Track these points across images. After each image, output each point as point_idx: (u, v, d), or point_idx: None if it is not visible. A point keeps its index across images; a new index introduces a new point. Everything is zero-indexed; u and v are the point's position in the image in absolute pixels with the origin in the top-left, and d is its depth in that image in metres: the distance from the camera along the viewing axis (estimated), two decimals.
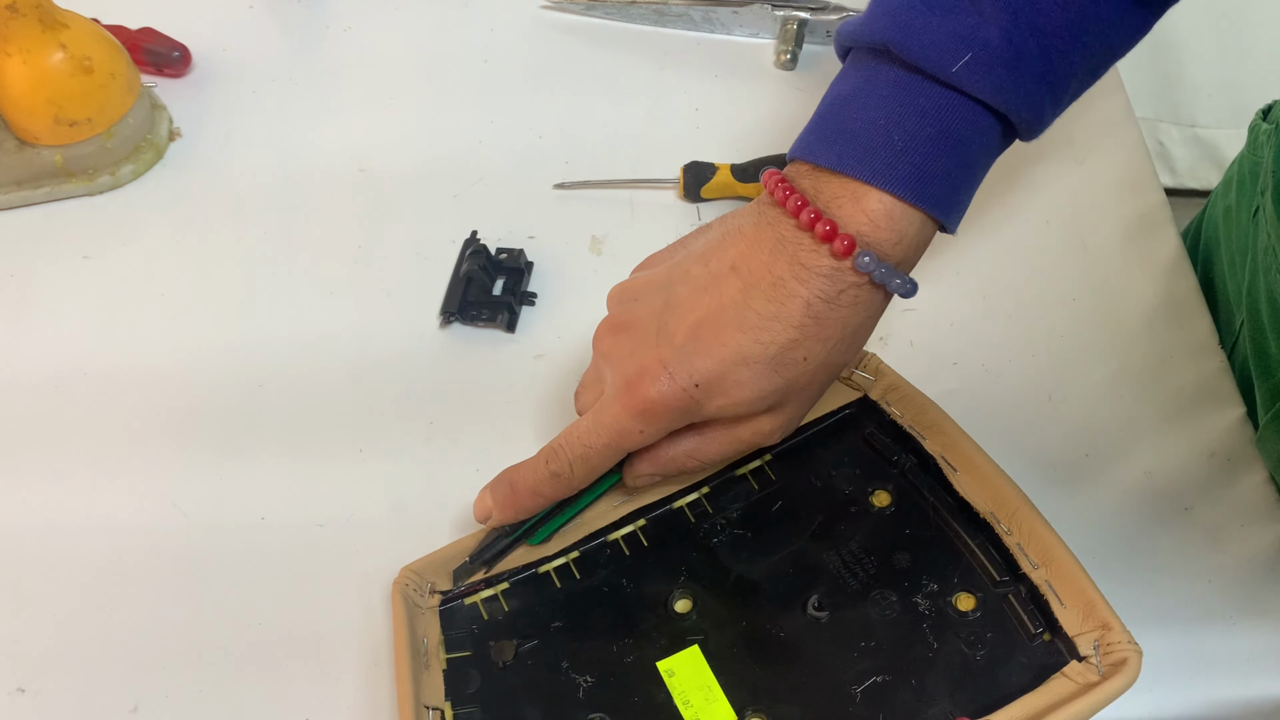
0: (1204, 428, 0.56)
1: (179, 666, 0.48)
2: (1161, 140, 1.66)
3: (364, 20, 0.76)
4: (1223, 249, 0.64)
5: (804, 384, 0.44)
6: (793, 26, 0.72)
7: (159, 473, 0.54)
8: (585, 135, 0.69)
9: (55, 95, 0.62)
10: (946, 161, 0.41)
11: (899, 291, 0.42)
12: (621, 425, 0.44)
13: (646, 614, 0.47)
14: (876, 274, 0.41)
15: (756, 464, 0.51)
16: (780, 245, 0.42)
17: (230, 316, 0.60)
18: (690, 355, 0.43)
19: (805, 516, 0.48)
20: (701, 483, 0.50)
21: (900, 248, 0.42)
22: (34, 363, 0.58)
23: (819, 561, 0.47)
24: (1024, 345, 0.59)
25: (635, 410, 0.44)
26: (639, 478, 0.48)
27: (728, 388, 0.43)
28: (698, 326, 0.43)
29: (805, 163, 0.43)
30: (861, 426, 0.51)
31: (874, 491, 0.48)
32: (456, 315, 0.59)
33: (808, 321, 0.42)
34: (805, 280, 0.42)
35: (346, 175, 0.67)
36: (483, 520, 0.48)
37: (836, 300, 0.42)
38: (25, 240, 0.64)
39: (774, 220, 0.43)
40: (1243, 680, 0.48)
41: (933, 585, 0.46)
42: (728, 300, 0.43)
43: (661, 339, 0.44)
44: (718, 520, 0.49)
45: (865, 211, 0.41)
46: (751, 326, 0.42)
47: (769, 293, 0.42)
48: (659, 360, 0.43)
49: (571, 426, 0.46)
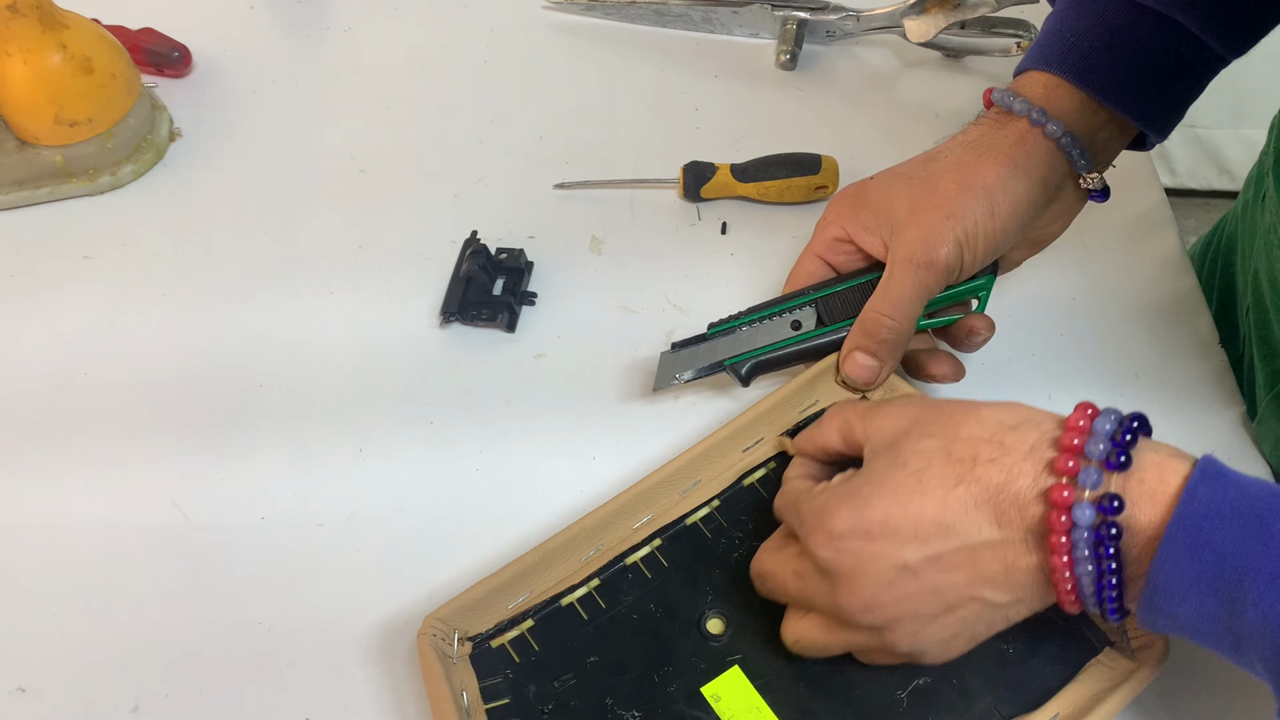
0: (1204, 427, 0.56)
1: (179, 666, 0.48)
2: None
3: (364, 20, 0.76)
4: (1239, 243, 0.64)
5: None
6: (793, 26, 0.72)
7: (159, 473, 0.54)
8: (585, 135, 0.69)
9: (56, 95, 0.62)
10: (1110, 54, 0.49)
11: (1050, 133, 0.49)
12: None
13: (681, 638, 0.46)
14: (1013, 105, 0.50)
15: (762, 472, 0.51)
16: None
17: (230, 316, 0.60)
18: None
19: None
20: (713, 495, 0.50)
21: (1069, 118, 0.50)
22: (34, 363, 0.58)
23: None
24: (1024, 345, 0.59)
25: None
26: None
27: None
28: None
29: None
30: None
31: None
32: (456, 315, 0.59)
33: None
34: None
35: (346, 175, 0.67)
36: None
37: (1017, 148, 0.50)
38: (26, 240, 0.64)
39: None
40: (1243, 679, 0.48)
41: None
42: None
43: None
44: (734, 534, 0.49)
45: (1035, 86, 0.51)
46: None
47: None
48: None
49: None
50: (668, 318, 0.60)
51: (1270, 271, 0.57)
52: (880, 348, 0.51)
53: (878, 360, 0.51)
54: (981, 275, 0.53)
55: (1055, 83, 0.50)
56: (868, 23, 0.72)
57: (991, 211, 0.49)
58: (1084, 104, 0.50)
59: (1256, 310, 0.58)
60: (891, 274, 0.50)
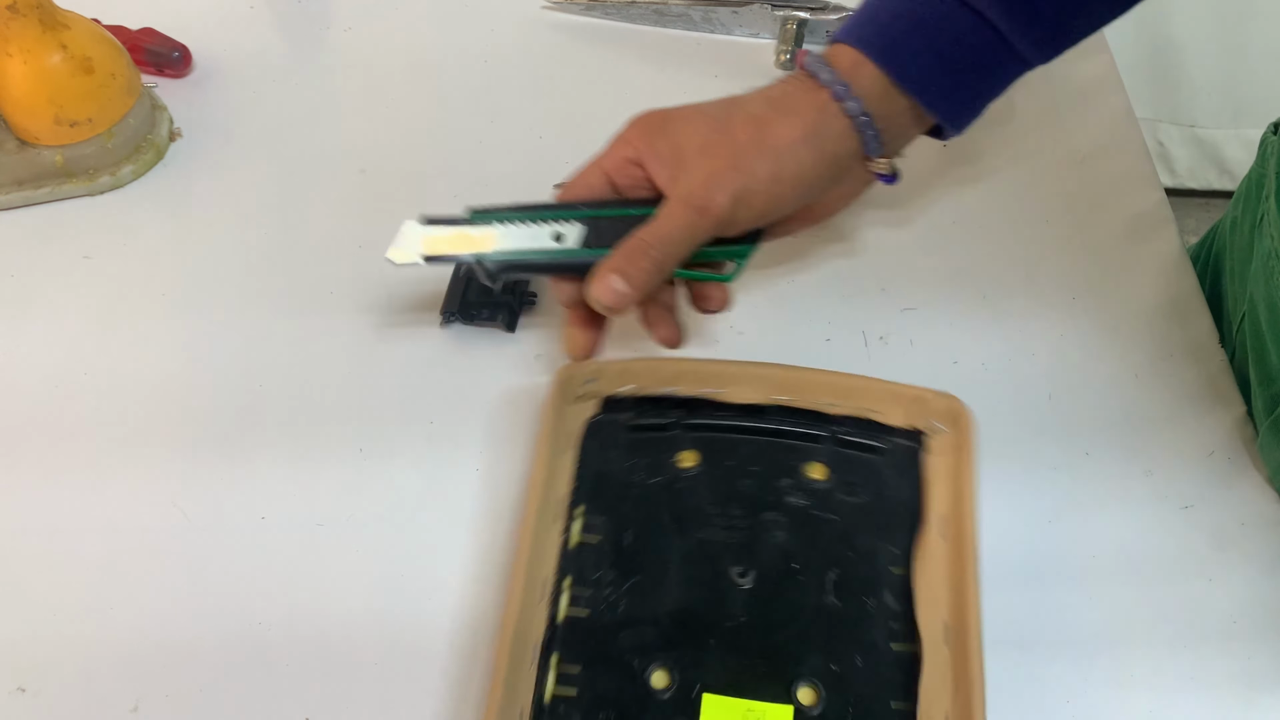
0: (1204, 427, 0.56)
1: (179, 666, 0.48)
2: (1161, 140, 1.66)
3: (364, 20, 0.76)
4: (1227, 261, 0.64)
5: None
6: (793, 26, 0.72)
7: (159, 473, 0.54)
8: (585, 135, 0.69)
9: (56, 95, 0.62)
10: (917, 42, 0.49)
11: (849, 110, 0.49)
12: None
13: (638, 706, 0.45)
14: (820, 74, 0.49)
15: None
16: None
17: (231, 316, 0.60)
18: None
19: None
20: None
21: (870, 98, 0.49)
22: (34, 363, 0.58)
23: (706, 546, 0.50)
24: (1024, 345, 0.59)
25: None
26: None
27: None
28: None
29: None
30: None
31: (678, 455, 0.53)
32: (456, 315, 0.59)
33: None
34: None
35: (346, 175, 0.67)
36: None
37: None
38: (26, 240, 0.64)
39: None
40: (1243, 679, 0.48)
41: (786, 479, 0.51)
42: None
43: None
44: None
45: (844, 59, 0.50)
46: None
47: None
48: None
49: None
50: None
51: (1268, 297, 0.56)
52: (636, 274, 0.49)
53: (629, 287, 0.49)
54: (744, 241, 0.52)
55: (861, 60, 0.49)
56: None
57: (776, 175, 0.49)
58: (886, 87, 0.49)
59: (1253, 334, 0.58)
60: (667, 209, 0.50)
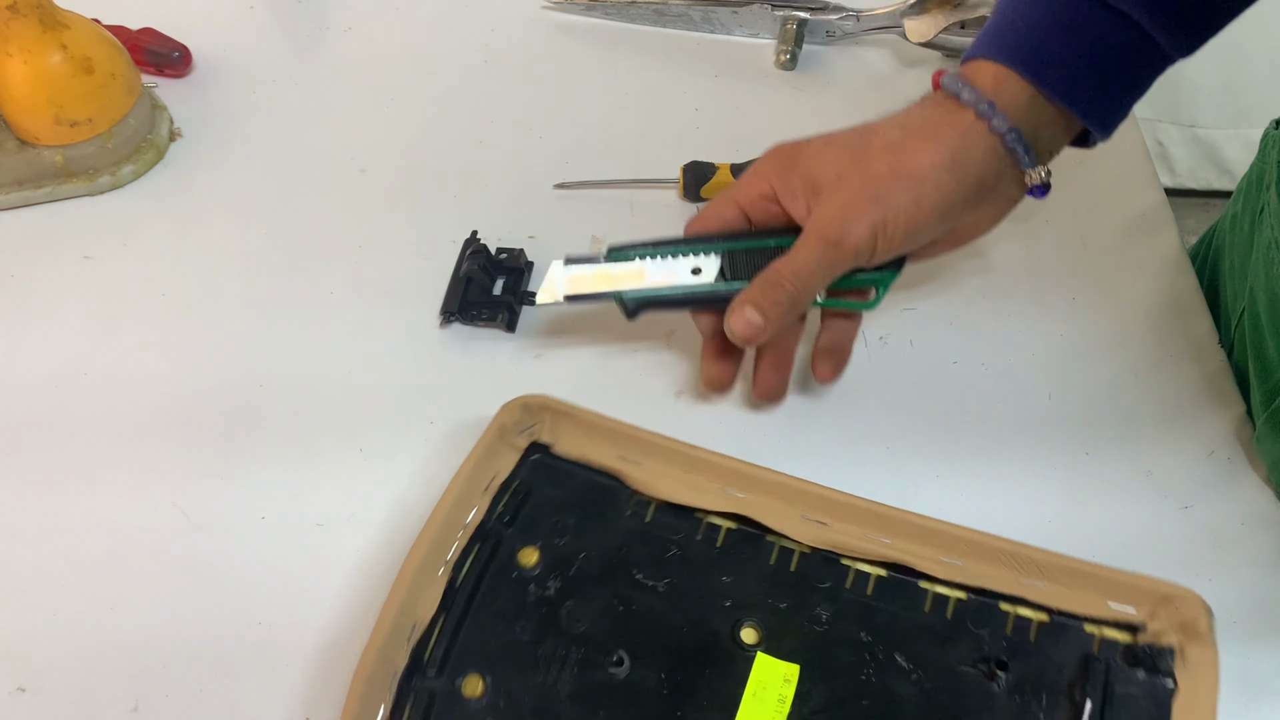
0: (1204, 427, 0.56)
1: (179, 666, 0.48)
2: (1161, 140, 1.66)
3: (364, 20, 0.76)
4: (1226, 257, 0.64)
5: None
6: (793, 26, 0.72)
7: (159, 473, 0.54)
8: (585, 135, 0.69)
9: (56, 95, 0.62)
10: (1062, 48, 0.48)
11: (996, 128, 0.48)
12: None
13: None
14: (962, 94, 0.48)
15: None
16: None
17: (230, 316, 0.60)
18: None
19: None
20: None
21: (1016, 112, 0.48)
22: (34, 363, 0.58)
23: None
24: (1024, 345, 0.59)
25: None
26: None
27: None
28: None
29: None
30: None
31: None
32: (456, 315, 0.59)
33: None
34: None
35: (346, 175, 0.67)
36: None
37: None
38: (26, 240, 0.64)
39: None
40: (1243, 679, 0.48)
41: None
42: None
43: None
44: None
45: (985, 76, 0.49)
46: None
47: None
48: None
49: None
50: (668, 318, 0.60)
51: (1268, 287, 0.56)
52: (771, 309, 0.50)
53: (764, 320, 0.50)
54: (888, 267, 0.52)
55: (1005, 74, 0.48)
56: (868, 23, 0.72)
57: (918, 203, 0.48)
58: (1033, 99, 0.49)
59: (1252, 328, 0.58)
60: (803, 243, 0.50)
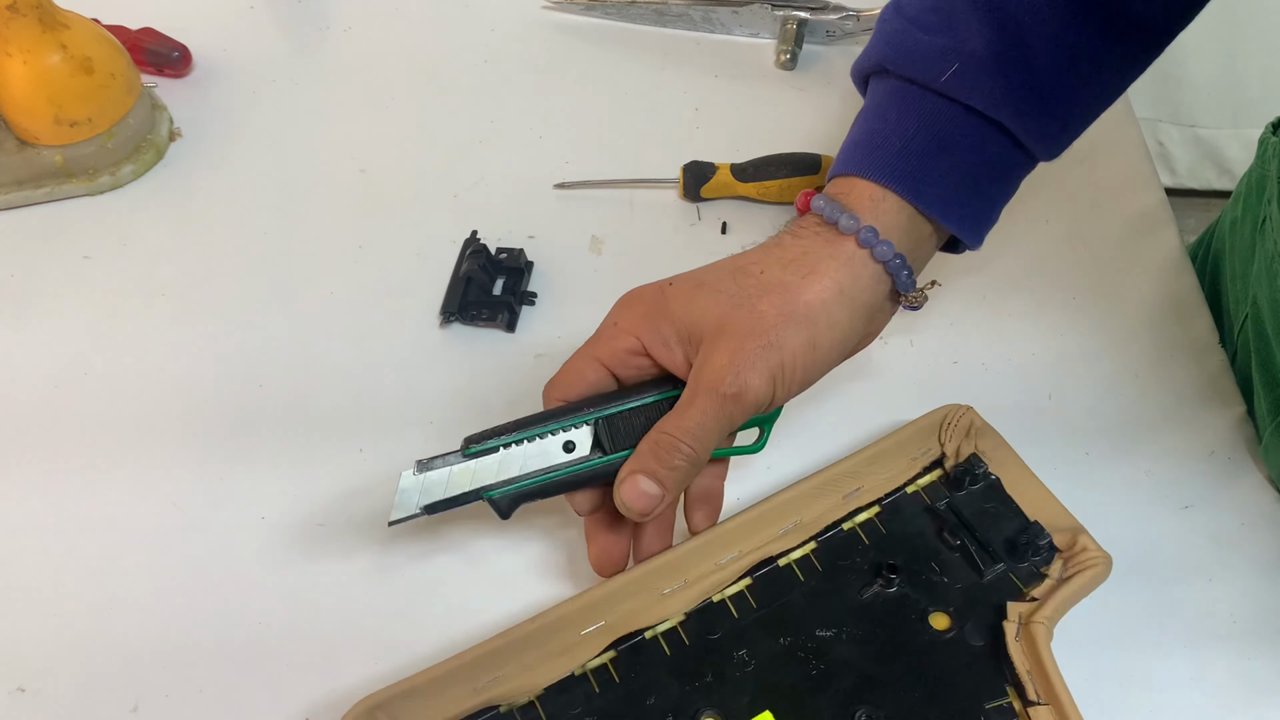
0: (1204, 427, 0.56)
1: (179, 666, 0.48)
2: (1161, 140, 1.66)
3: (364, 20, 0.76)
4: (1227, 262, 0.64)
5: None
6: (792, 26, 0.72)
7: (159, 472, 0.54)
8: (585, 135, 0.69)
9: (55, 95, 0.62)
10: (940, 163, 0.45)
11: (879, 255, 0.45)
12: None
13: None
14: (840, 221, 0.45)
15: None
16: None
17: (230, 316, 0.60)
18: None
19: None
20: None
21: (897, 234, 0.46)
22: (34, 363, 0.58)
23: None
24: (1024, 345, 0.59)
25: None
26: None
27: None
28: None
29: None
30: None
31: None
32: (456, 315, 0.59)
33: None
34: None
35: (346, 175, 0.67)
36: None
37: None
38: (26, 240, 0.64)
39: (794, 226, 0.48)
40: (1243, 679, 0.48)
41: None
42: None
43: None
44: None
45: (861, 197, 0.46)
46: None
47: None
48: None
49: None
50: None
51: (1272, 298, 0.56)
52: (669, 475, 0.45)
53: (661, 489, 0.45)
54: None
55: (881, 193, 0.45)
56: (868, 23, 0.72)
57: (813, 342, 0.45)
58: (911, 218, 0.46)
59: (1256, 336, 0.58)
60: (694, 399, 0.44)
